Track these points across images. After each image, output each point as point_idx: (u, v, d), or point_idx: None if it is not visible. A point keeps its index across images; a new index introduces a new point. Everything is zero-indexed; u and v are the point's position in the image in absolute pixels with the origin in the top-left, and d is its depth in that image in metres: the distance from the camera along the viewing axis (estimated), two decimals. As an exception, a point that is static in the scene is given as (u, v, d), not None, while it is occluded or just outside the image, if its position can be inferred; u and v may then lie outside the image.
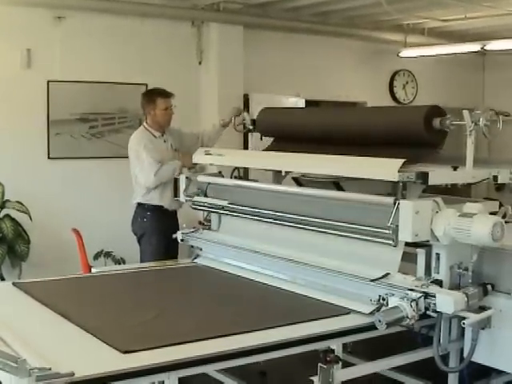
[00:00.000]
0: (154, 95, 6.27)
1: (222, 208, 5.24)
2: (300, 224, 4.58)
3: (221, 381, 4.98)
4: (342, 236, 4.30)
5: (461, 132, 4.19)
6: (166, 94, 6.24)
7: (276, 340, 3.53)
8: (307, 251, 4.58)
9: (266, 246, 4.86)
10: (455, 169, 4.17)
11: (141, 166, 5.98)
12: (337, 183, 4.70)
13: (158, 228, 6.04)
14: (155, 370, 3.13)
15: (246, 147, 8.08)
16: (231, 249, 5.12)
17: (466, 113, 4.11)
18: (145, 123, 6.26)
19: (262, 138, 5.73)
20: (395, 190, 3.99)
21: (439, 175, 4.03)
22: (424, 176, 3.84)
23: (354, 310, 4.02)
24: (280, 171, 5.15)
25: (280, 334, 3.60)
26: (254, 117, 5.86)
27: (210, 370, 4.16)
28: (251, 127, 5.80)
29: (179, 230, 5.69)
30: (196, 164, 5.67)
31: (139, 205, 6.16)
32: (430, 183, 3.87)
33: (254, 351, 3.45)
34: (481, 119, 4.09)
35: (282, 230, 4.79)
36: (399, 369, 4.64)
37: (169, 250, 5.94)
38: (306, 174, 4.94)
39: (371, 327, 3.72)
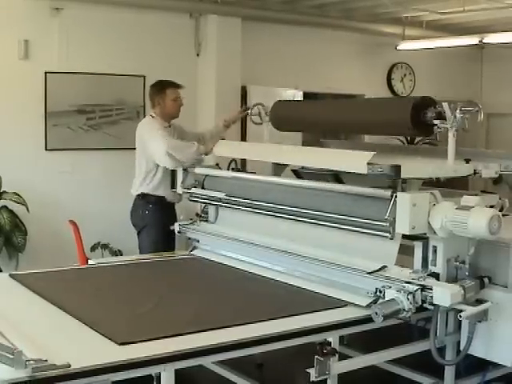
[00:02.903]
0: (164, 85, 6.22)
1: (220, 200, 5.24)
2: (298, 216, 4.58)
3: (218, 373, 4.99)
4: (339, 228, 4.30)
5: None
6: (175, 85, 6.22)
7: (273, 332, 3.53)
8: (304, 243, 4.58)
9: (263, 238, 4.86)
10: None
11: (155, 141, 5.83)
12: (336, 176, 4.70)
13: (159, 220, 6.00)
14: (151, 361, 3.13)
15: (243, 139, 8.09)
16: (228, 241, 5.12)
17: (445, 105, 4.09)
18: (152, 113, 6.20)
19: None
20: (395, 183, 3.99)
21: (414, 168, 4.01)
22: (397, 169, 3.81)
23: (350, 303, 4.02)
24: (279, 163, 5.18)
25: (277, 327, 3.60)
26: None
27: (207, 361, 4.18)
28: (267, 119, 5.71)
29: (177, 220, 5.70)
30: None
31: (141, 197, 6.10)
32: (403, 176, 3.83)
33: (250, 343, 3.45)
34: (457, 111, 4.06)
35: (280, 222, 4.79)
36: (396, 361, 4.65)
37: (167, 242, 5.93)
38: (304, 166, 4.95)
39: (368, 320, 3.73)
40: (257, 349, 3.56)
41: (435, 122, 4.18)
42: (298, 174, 5.13)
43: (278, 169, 5.30)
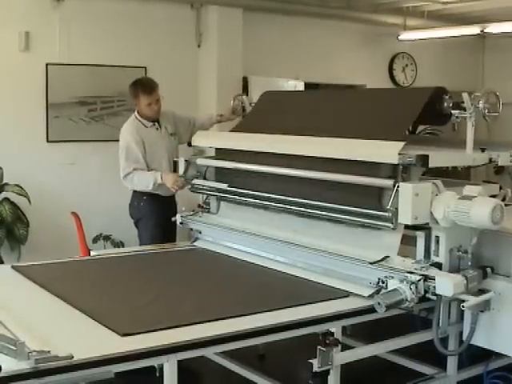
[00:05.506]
0: (136, 90, 6.03)
1: (222, 191, 5.23)
2: (300, 207, 4.57)
3: (220, 364, 4.99)
4: (341, 219, 4.29)
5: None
6: (148, 90, 5.97)
7: (275, 323, 3.53)
8: (307, 234, 4.58)
9: (266, 228, 4.86)
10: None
11: (121, 161, 5.90)
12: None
13: (155, 212, 5.98)
14: (154, 352, 3.14)
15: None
16: (230, 232, 5.11)
17: (465, 95, 4.09)
18: (136, 112, 6.12)
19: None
20: (396, 172, 3.99)
21: (439, 158, 4.03)
22: (424, 159, 3.83)
23: (353, 293, 4.02)
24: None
25: (279, 317, 3.60)
26: (254, 101, 5.91)
27: (209, 352, 4.17)
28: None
29: (177, 212, 5.69)
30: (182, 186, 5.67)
31: (135, 191, 6.11)
32: (430, 166, 3.86)
33: (253, 334, 3.45)
34: (481, 102, 4.08)
35: (282, 212, 4.78)
36: (398, 352, 4.65)
37: (167, 233, 5.90)
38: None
39: (370, 310, 3.73)
40: (259, 339, 3.57)
41: (453, 112, 4.19)
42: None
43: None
